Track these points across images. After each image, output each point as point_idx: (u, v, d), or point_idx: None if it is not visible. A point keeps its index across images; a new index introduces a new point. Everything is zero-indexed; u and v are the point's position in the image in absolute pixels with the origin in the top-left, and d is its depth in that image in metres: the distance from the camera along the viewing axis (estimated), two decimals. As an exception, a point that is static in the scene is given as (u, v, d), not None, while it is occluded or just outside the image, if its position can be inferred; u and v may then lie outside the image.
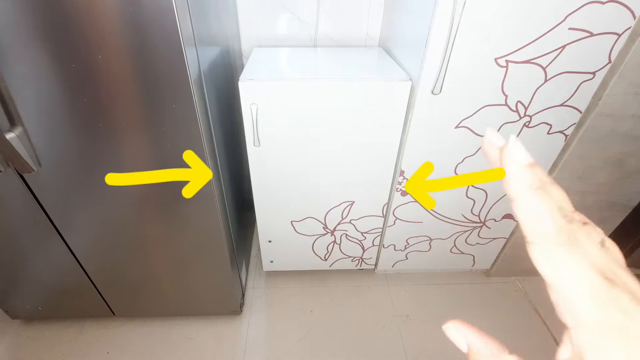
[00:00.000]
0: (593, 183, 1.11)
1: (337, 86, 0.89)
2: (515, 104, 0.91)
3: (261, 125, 0.95)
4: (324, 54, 1.17)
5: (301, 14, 1.26)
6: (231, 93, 1.14)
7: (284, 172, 1.06)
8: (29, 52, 0.66)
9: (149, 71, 0.70)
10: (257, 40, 1.32)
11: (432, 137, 0.98)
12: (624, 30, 0.81)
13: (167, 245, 1.01)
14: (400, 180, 1.08)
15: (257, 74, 0.92)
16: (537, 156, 0.99)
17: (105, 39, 0.66)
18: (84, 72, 0.69)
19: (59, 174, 0.84)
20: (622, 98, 0.92)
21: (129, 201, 0.90)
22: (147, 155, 0.83)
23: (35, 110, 0.74)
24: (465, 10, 0.76)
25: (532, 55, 0.83)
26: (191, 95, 0.75)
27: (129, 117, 0.76)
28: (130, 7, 0.62)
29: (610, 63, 0.86)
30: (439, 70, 0.84)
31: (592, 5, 0.77)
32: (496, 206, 1.18)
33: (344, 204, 1.16)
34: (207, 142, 0.84)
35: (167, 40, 0.67)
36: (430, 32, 0.79)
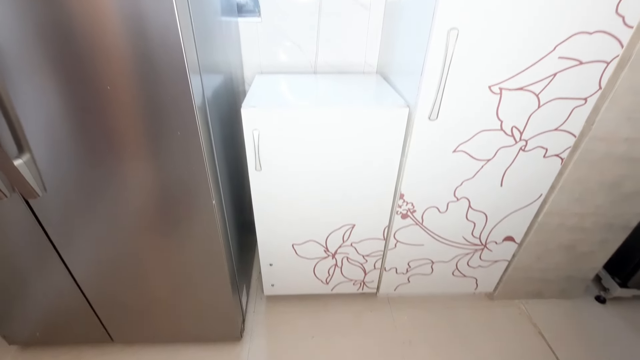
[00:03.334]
0: (591, 205, 1.12)
1: (336, 112, 0.92)
2: (511, 128, 0.94)
3: (262, 150, 0.97)
4: (323, 80, 1.21)
5: (301, 43, 1.32)
6: (234, 119, 1.17)
7: (284, 195, 1.07)
8: (41, 81, 0.69)
9: (155, 100, 0.73)
10: (259, 67, 1.37)
11: (431, 161, 1.00)
12: (612, 58, 0.85)
13: (167, 269, 1.01)
14: (400, 204, 1.09)
15: (259, 101, 0.95)
16: (535, 179, 1.02)
17: (115, 71, 0.69)
18: (93, 101, 0.72)
19: (64, 200, 0.85)
20: (615, 122, 0.94)
21: (131, 224, 0.91)
22: (150, 181, 0.84)
23: (44, 138, 0.76)
24: (458, 41, 0.80)
25: (525, 82, 0.86)
26: (195, 123, 0.77)
27: (134, 144, 0.78)
28: (141, 42, 0.65)
29: (601, 89, 0.89)
30: (435, 97, 0.87)
31: (580, 35, 0.81)
32: (497, 228, 1.18)
33: (344, 227, 1.17)
34: (210, 168, 0.86)
35: (174, 70, 0.70)
36: (426, 61, 0.83)
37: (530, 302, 1.43)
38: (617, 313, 1.40)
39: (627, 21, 0.80)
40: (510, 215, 1.14)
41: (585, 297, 1.46)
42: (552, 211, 1.13)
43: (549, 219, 1.15)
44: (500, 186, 1.06)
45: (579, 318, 1.37)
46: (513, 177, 1.04)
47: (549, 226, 1.17)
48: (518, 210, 1.13)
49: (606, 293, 1.44)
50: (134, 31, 0.65)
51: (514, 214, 1.14)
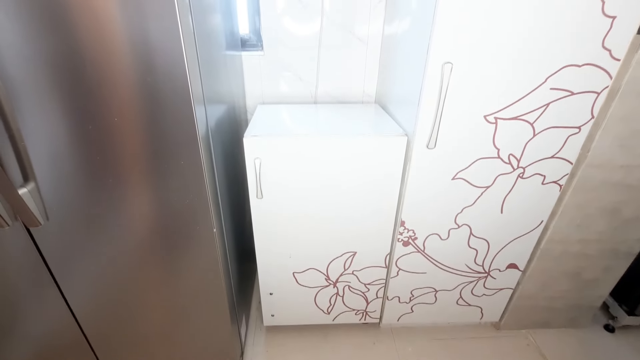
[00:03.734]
0: (593, 231, 1.11)
1: (337, 141, 0.94)
2: (508, 156, 0.96)
3: (264, 178, 0.98)
4: (324, 110, 1.24)
5: (302, 74, 1.37)
6: (236, 147, 1.20)
7: (285, 223, 1.07)
8: (50, 111, 0.71)
9: (159, 130, 0.75)
10: (261, 97, 1.41)
11: (430, 188, 1.01)
12: (602, 89, 0.88)
13: (166, 300, 0.99)
14: (402, 231, 1.09)
15: (261, 130, 0.98)
16: (534, 206, 1.02)
17: (122, 104, 0.71)
18: (100, 132, 0.74)
19: (65, 228, 0.85)
20: (610, 150, 0.96)
21: (130, 253, 0.90)
22: (151, 211, 0.85)
23: (49, 167, 0.77)
24: (452, 74, 0.83)
25: (519, 112, 0.89)
26: (199, 152, 0.79)
27: (137, 173, 0.80)
28: (148, 77, 0.68)
29: (594, 118, 0.92)
30: (432, 127, 0.90)
31: (570, 67, 0.84)
32: (500, 256, 1.17)
33: (346, 255, 1.16)
34: (212, 196, 0.87)
35: (179, 100, 0.72)
36: (422, 92, 0.86)
37: (538, 332, 1.39)
38: (626, 342, 1.35)
39: (614, 54, 0.83)
40: (512, 242, 1.14)
41: (593, 326, 1.42)
42: (554, 238, 1.13)
43: (552, 245, 1.14)
44: (500, 213, 1.07)
45: (588, 348, 1.32)
46: (513, 203, 1.05)
47: (553, 253, 1.16)
48: (520, 237, 1.13)
49: (614, 321, 1.40)
50: (142, 64, 0.68)
51: (516, 241, 1.14)
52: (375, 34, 1.30)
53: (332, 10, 1.25)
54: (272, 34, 1.29)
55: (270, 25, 1.27)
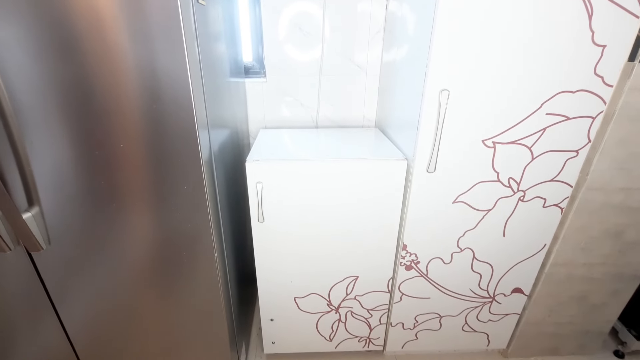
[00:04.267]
0: (597, 254, 1.10)
1: (338, 165, 0.96)
2: (508, 180, 0.96)
3: (266, 202, 0.99)
4: (324, 134, 1.26)
5: (303, 100, 1.40)
6: (238, 171, 1.21)
7: (287, 247, 1.07)
8: (57, 136, 0.73)
9: (164, 156, 0.76)
10: (263, 122, 1.44)
11: (431, 212, 1.01)
12: (597, 113, 0.90)
13: (164, 325, 0.97)
14: (404, 255, 1.08)
15: (263, 155, 0.99)
16: (537, 229, 1.02)
17: (129, 131, 0.73)
18: (106, 158, 0.75)
19: (66, 252, 0.85)
20: (608, 173, 0.97)
21: (130, 278, 0.90)
22: (153, 235, 0.85)
23: (54, 192, 0.79)
24: (450, 100, 0.85)
25: (516, 137, 0.91)
26: (202, 177, 0.80)
27: (141, 198, 0.81)
28: (155, 105, 0.71)
29: (591, 142, 0.93)
30: (431, 151, 0.91)
31: (564, 94, 0.87)
32: (504, 280, 1.15)
33: (348, 279, 1.14)
34: (214, 221, 0.87)
35: (184, 126, 0.74)
36: (421, 118, 0.88)
37: (547, 359, 1.34)
38: (640, 371, 1.31)
39: (607, 80, 0.86)
40: (516, 266, 1.12)
41: (603, 352, 1.38)
42: (559, 261, 1.11)
43: (557, 269, 1.13)
44: (503, 236, 1.06)
45: (601, 378, 1.28)
46: (515, 227, 1.04)
47: (558, 277, 1.15)
48: (524, 261, 1.12)
49: (624, 347, 1.35)
50: (149, 92, 0.70)
51: (520, 265, 1.12)
52: (374, 61, 1.34)
53: (332, 39, 1.30)
54: (275, 62, 1.33)
55: (273, 53, 1.32)
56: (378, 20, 1.28)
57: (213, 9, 0.88)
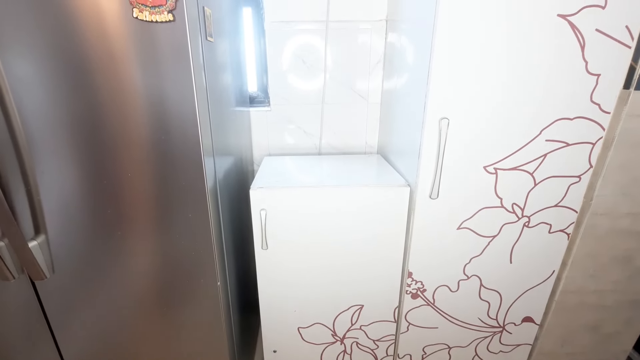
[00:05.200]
0: (608, 281, 1.08)
1: (341, 192, 0.96)
2: (511, 205, 0.96)
3: (269, 229, 0.99)
4: (327, 161, 1.28)
5: (306, 127, 1.43)
6: (242, 198, 1.22)
7: (291, 275, 1.06)
8: (67, 165, 0.75)
9: (170, 184, 0.78)
10: (267, 149, 1.47)
11: (436, 238, 1.00)
12: (596, 139, 0.91)
13: (164, 355, 0.95)
14: (409, 282, 1.06)
15: (267, 182, 1.00)
16: (544, 255, 1.00)
17: (137, 160, 0.75)
18: (113, 187, 0.77)
19: (70, 281, 0.85)
20: (612, 198, 0.97)
21: (131, 307, 0.89)
22: (156, 263, 0.85)
23: (61, 221, 0.79)
24: (450, 127, 0.87)
25: (518, 163, 0.91)
26: (206, 205, 0.81)
27: (146, 226, 0.81)
28: (162, 135, 0.73)
29: (592, 167, 0.94)
30: (433, 177, 0.92)
31: (563, 120, 0.88)
32: (513, 308, 1.12)
33: (352, 308, 1.12)
34: (217, 249, 0.87)
35: (189, 157, 0.76)
36: (422, 145, 0.90)
37: (564, 395, 1.27)
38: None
39: (603, 108, 0.88)
40: (525, 294, 1.10)
41: (624, 387, 1.31)
42: (569, 289, 1.09)
43: (567, 297, 1.10)
44: (510, 263, 1.04)
45: (623, 415, 1.20)
46: (521, 253, 1.03)
47: (568, 305, 1.11)
48: (533, 288, 1.09)
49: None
50: (158, 122, 0.72)
51: (529, 293, 1.10)
52: (375, 90, 1.38)
53: (334, 69, 1.35)
54: (279, 92, 1.38)
55: (277, 83, 1.36)
56: (378, 51, 1.33)
57: (220, 44, 0.92)
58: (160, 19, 0.64)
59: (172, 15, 0.64)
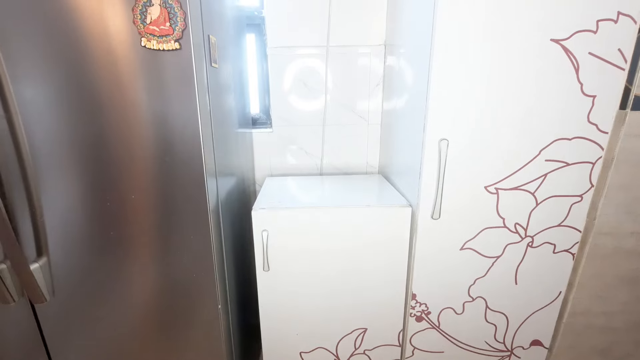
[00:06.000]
0: (616, 302, 1.05)
1: (343, 213, 0.97)
2: (514, 225, 0.96)
3: (271, 250, 0.99)
4: (329, 181, 1.29)
5: (308, 148, 1.45)
6: (244, 218, 1.22)
7: (293, 297, 1.04)
8: (72, 189, 0.76)
9: (173, 206, 0.78)
10: (269, 170, 1.48)
11: (439, 259, 0.99)
12: (596, 159, 0.91)
13: (163, 386, 0.92)
14: (413, 305, 1.04)
15: (269, 203, 1.01)
16: (549, 276, 0.99)
17: (141, 182, 0.76)
18: (117, 209, 0.78)
19: (70, 304, 0.84)
20: (616, 217, 0.96)
21: (129, 330, 0.87)
22: (156, 286, 0.84)
23: (63, 242, 0.80)
24: (450, 148, 0.88)
25: (518, 183, 0.92)
26: (209, 227, 0.81)
27: (147, 248, 0.81)
28: (167, 158, 0.74)
29: (593, 187, 0.94)
30: (435, 198, 0.92)
31: (561, 141, 0.89)
32: (521, 331, 1.09)
33: (356, 332, 1.09)
34: (219, 271, 0.87)
35: (192, 179, 0.77)
36: (422, 165, 0.90)
37: None
38: None
39: (601, 128, 0.89)
40: (532, 316, 1.07)
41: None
42: (577, 311, 1.06)
43: (575, 319, 1.07)
44: (515, 284, 1.03)
45: None
46: (526, 274, 1.02)
47: (577, 327, 1.09)
48: (540, 310, 1.07)
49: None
50: (162, 145, 0.74)
51: (537, 315, 1.07)
52: (375, 111, 1.41)
53: (334, 91, 1.38)
54: (280, 113, 1.40)
55: (279, 105, 1.39)
56: (377, 73, 1.36)
57: (224, 68, 0.95)
58: (167, 47, 0.66)
59: (178, 43, 0.67)
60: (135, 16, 0.65)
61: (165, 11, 0.64)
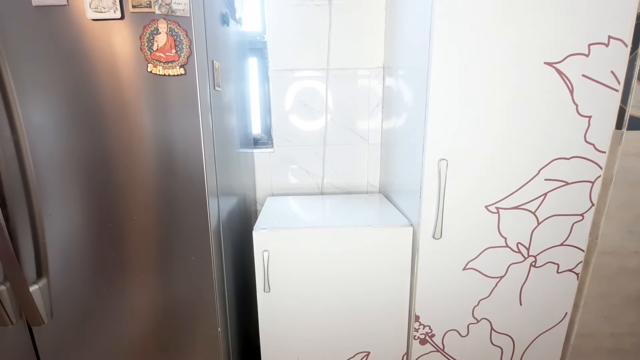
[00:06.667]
0: (623, 323, 1.03)
1: (344, 232, 0.96)
2: (516, 245, 0.95)
3: (272, 271, 0.98)
4: (330, 201, 1.29)
5: (309, 168, 1.46)
6: (245, 238, 1.22)
7: (294, 319, 1.02)
8: (74, 210, 0.76)
9: (174, 226, 0.79)
10: (271, 190, 1.49)
11: (442, 280, 0.98)
12: (595, 178, 0.92)
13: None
14: (417, 327, 1.02)
15: (270, 223, 1.01)
16: (554, 297, 0.97)
17: (143, 202, 0.77)
18: (119, 230, 0.78)
19: (68, 327, 0.83)
20: (618, 236, 0.96)
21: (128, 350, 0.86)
22: (157, 306, 0.83)
23: (64, 264, 0.80)
24: (449, 168, 0.89)
25: (519, 202, 0.92)
26: (210, 248, 0.81)
27: (148, 269, 0.81)
28: (169, 180, 0.75)
29: (594, 205, 0.94)
30: (436, 217, 0.92)
31: (559, 160, 0.90)
32: (528, 354, 1.06)
33: (358, 355, 1.07)
34: (219, 292, 0.86)
35: (194, 199, 0.78)
36: (422, 185, 0.91)
37: None
38: None
39: (598, 147, 0.90)
40: (539, 339, 1.05)
41: None
42: (584, 332, 1.04)
43: (583, 341, 1.05)
44: (520, 305, 1.01)
45: None
46: (531, 294, 1.00)
47: (585, 350, 1.06)
48: (546, 332, 1.04)
49: None
50: (165, 167, 0.75)
51: (543, 337, 1.05)
52: (375, 130, 1.43)
53: (335, 111, 1.40)
54: (281, 134, 1.42)
55: (280, 125, 1.41)
56: (377, 94, 1.39)
57: (227, 91, 0.98)
58: (173, 73, 0.69)
59: (183, 69, 0.69)
60: (142, 43, 0.67)
61: (172, 39, 0.67)
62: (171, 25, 0.67)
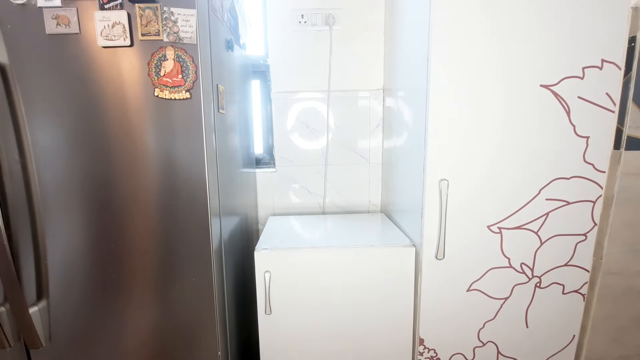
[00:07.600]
0: (632, 346, 1.01)
1: (346, 253, 0.96)
2: (520, 265, 0.95)
3: (273, 292, 0.97)
4: (332, 221, 1.29)
5: (310, 188, 1.47)
6: (246, 258, 1.21)
7: (295, 342, 1.00)
8: (77, 231, 0.77)
9: (176, 247, 0.79)
10: (272, 209, 1.49)
11: (446, 301, 0.97)
12: (596, 198, 0.92)
13: None
14: (422, 350, 1.00)
15: (272, 243, 1.01)
16: (561, 318, 0.96)
17: (145, 224, 0.77)
18: (120, 251, 0.78)
19: (66, 350, 0.82)
20: (623, 256, 0.95)
21: (128, 383, 0.84)
22: (156, 329, 0.82)
23: (64, 285, 0.79)
24: (450, 188, 0.90)
25: (521, 222, 0.92)
26: (211, 269, 0.81)
27: (148, 290, 0.80)
28: (173, 201, 0.76)
29: (597, 225, 0.94)
30: (438, 238, 0.92)
31: (559, 180, 0.91)
32: (535, 379, 1.03)
33: (361, 380, 1.04)
34: (220, 314, 0.85)
35: (197, 220, 0.78)
36: (424, 205, 0.91)
37: None
38: None
39: (597, 167, 0.90)
40: (546, 362, 1.02)
41: None
42: (592, 356, 1.01)
43: (593, 366, 1.02)
44: (526, 327, 0.99)
45: None
46: (537, 316, 0.98)
47: (596, 375, 1.03)
48: (554, 356, 1.02)
49: None
50: (169, 188, 0.76)
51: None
52: (376, 150, 1.44)
53: (336, 131, 1.42)
54: (283, 154, 1.44)
55: (282, 146, 1.43)
56: (377, 115, 1.42)
57: (230, 113, 1.00)
58: (179, 97, 0.71)
59: (189, 93, 0.71)
60: (150, 69, 0.70)
61: (179, 65, 0.70)
62: (178, 52, 0.69)
